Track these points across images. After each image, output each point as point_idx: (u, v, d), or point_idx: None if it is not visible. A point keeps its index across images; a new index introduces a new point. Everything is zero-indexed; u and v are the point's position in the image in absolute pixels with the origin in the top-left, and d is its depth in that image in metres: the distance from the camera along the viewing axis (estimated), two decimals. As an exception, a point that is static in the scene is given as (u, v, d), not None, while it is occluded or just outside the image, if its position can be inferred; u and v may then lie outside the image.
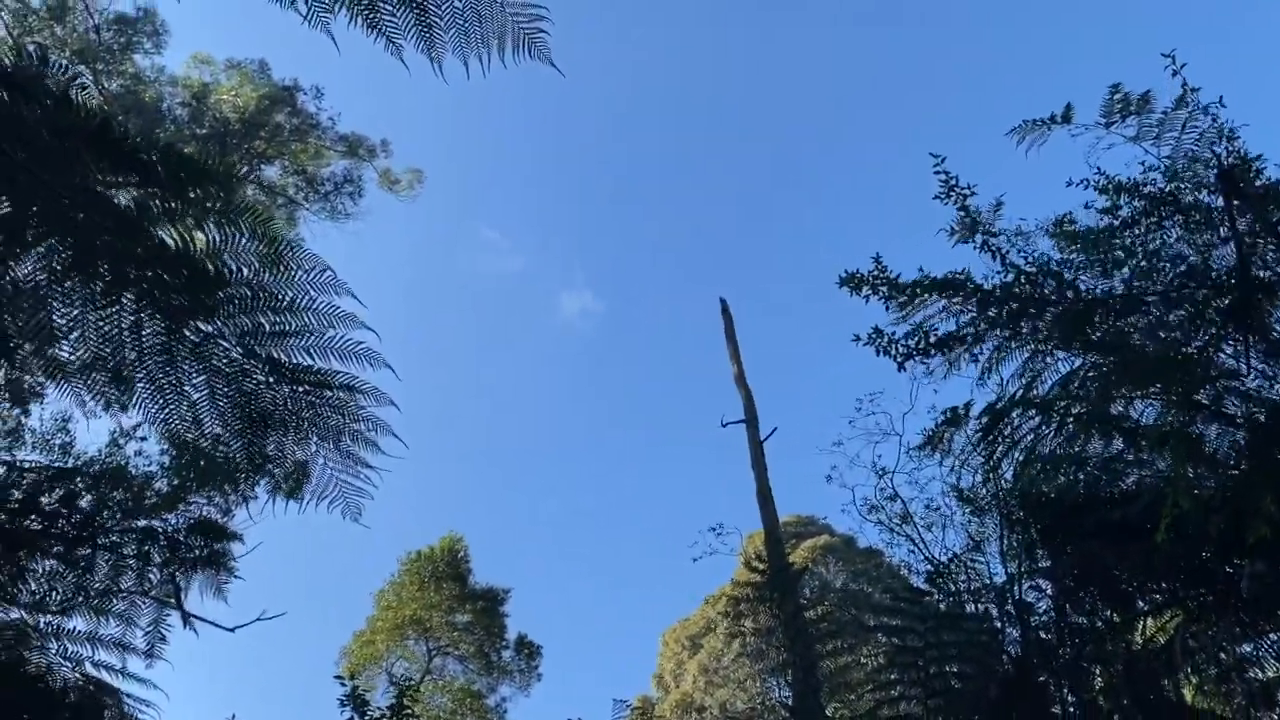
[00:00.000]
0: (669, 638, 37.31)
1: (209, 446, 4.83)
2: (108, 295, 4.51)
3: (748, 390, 25.18)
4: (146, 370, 4.70)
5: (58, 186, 4.19)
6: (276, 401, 4.49)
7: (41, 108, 3.99)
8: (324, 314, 4.24)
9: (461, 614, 31.14)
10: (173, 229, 4.12)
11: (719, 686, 33.59)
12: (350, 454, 4.55)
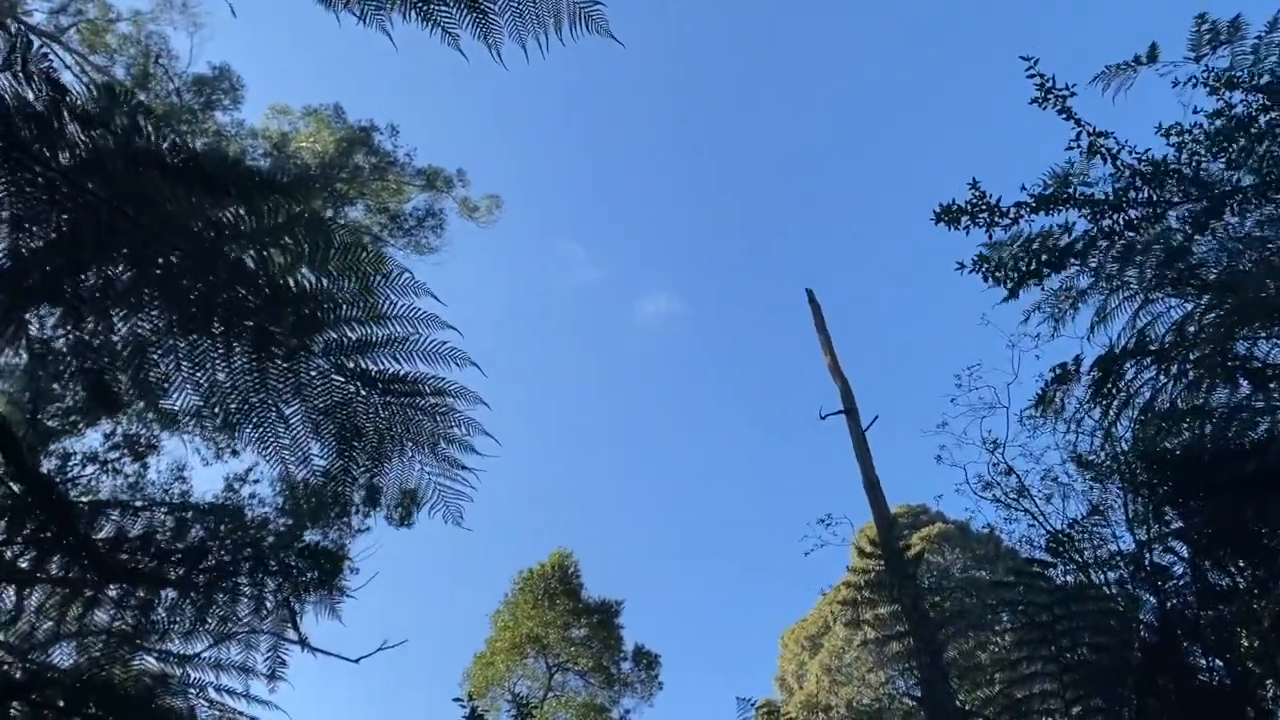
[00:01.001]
0: (788, 639, 36.90)
1: (319, 481, 4.84)
2: (216, 345, 4.57)
3: (844, 380, 24.75)
4: (248, 407, 4.74)
5: (167, 235, 4.27)
6: (369, 413, 4.49)
7: (131, 151, 4.06)
8: (406, 317, 4.24)
9: (577, 629, 31.25)
10: (254, 251, 4.15)
11: (843, 684, 33.06)
12: (447, 457, 4.53)
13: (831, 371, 25.24)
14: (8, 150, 4.50)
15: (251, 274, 4.24)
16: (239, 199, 4.01)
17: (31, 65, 3.96)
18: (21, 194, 4.67)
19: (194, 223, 4.19)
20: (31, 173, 4.58)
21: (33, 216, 4.73)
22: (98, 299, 4.78)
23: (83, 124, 3.97)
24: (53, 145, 4.41)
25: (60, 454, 21.75)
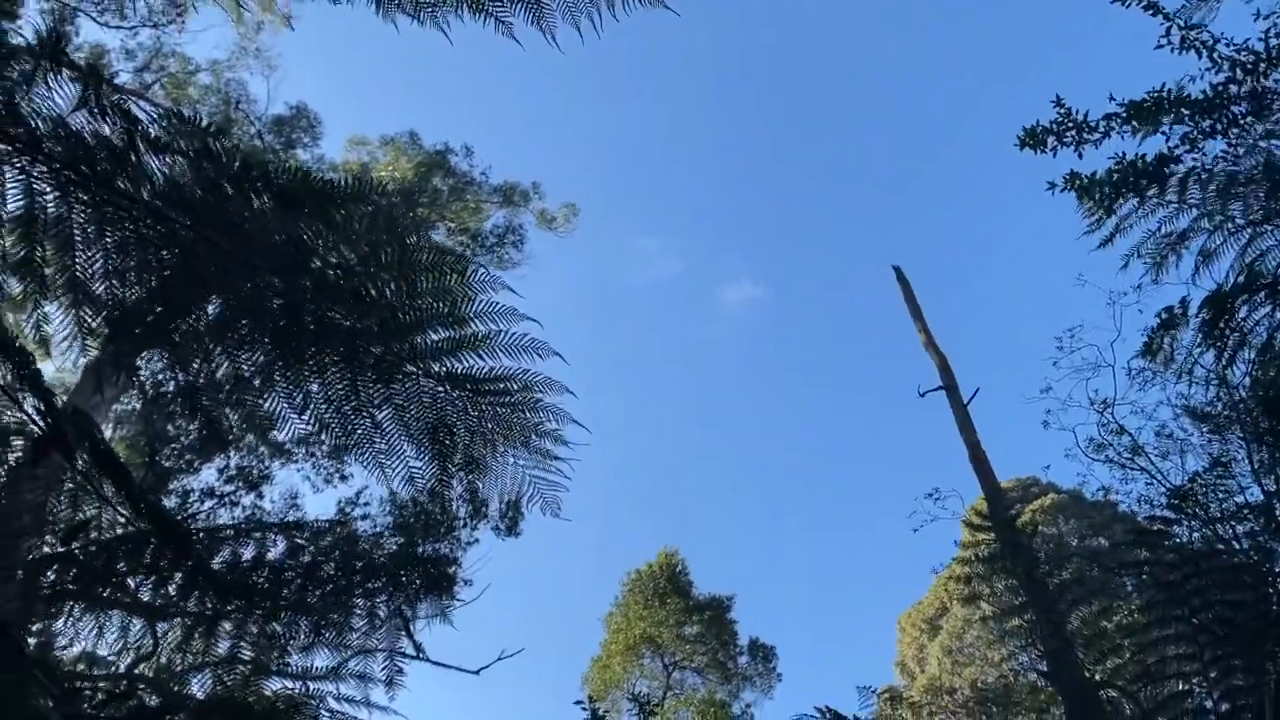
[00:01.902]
0: (905, 623, 36.31)
1: (420, 485, 4.87)
2: (308, 363, 4.65)
3: (940, 354, 24.27)
4: (344, 420, 4.80)
5: (250, 258, 4.36)
6: (459, 413, 4.51)
7: (207, 174, 4.15)
8: (487, 313, 4.24)
9: (690, 626, 31.23)
10: (335, 261, 4.21)
11: (965, 665, 32.39)
12: (539, 450, 4.52)
13: (926, 347, 24.77)
14: (93, 185, 4.66)
15: (335, 285, 4.30)
16: (315, 211, 4.07)
17: (105, 100, 4.08)
18: (116, 235, 4.83)
19: (274, 240, 4.27)
20: (118, 208, 4.73)
21: (132, 265, 4.90)
22: (197, 337, 4.92)
23: (157, 152, 4.08)
24: (134, 179, 4.55)
25: (179, 491, 22.61)
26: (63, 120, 4.43)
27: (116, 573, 5.30)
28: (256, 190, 4.07)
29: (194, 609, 5.73)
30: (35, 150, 4.47)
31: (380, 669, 6.41)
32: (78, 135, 4.44)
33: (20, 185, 4.70)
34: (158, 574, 5.26)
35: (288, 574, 6.01)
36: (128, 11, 27.42)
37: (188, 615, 6.36)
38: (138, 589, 5.44)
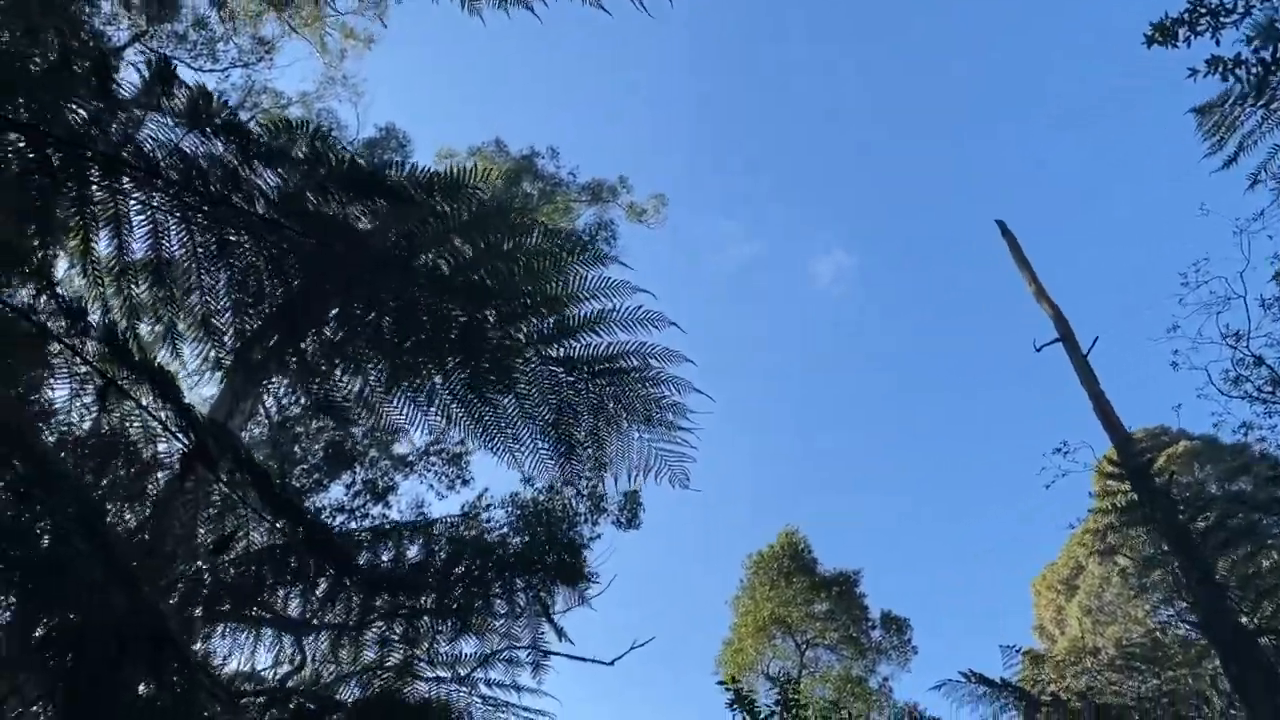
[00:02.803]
0: (1039, 586, 35.35)
1: (551, 472, 4.90)
2: (427, 360, 4.74)
3: (1053, 306, 23.50)
4: (465, 412, 4.86)
5: (365, 261, 4.47)
6: (579, 393, 4.53)
7: (319, 179, 4.26)
8: (600, 290, 4.25)
9: (819, 603, 30.98)
10: (447, 252, 4.28)
11: (1108, 624, 31.39)
12: (663, 421, 4.51)
13: (1038, 299, 24.03)
14: (210, 206, 4.83)
15: (449, 277, 4.36)
16: (424, 204, 4.13)
17: (215, 117, 4.21)
18: (237, 254, 5.00)
19: (387, 238, 4.36)
20: (235, 226, 4.89)
21: (254, 282, 5.07)
22: (324, 347, 5.07)
23: (269, 162, 4.19)
24: (248, 195, 4.69)
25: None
26: (177, 145, 4.60)
27: (266, 584, 5.50)
28: (368, 189, 4.15)
29: (339, 616, 5.91)
30: (154, 177, 4.65)
31: (526, 654, 6.54)
32: (192, 158, 4.61)
33: (145, 218, 4.91)
34: (306, 579, 5.43)
35: (428, 570, 6.16)
36: (219, 54, 28.41)
37: (333, 627, 6.59)
38: (286, 599, 5.63)
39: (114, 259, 5.04)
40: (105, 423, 5.34)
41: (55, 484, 5.51)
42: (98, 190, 4.90)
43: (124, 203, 4.85)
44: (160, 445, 5.24)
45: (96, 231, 4.99)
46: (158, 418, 5.19)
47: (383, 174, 4.11)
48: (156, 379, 4.94)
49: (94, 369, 5.17)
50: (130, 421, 5.32)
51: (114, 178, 4.84)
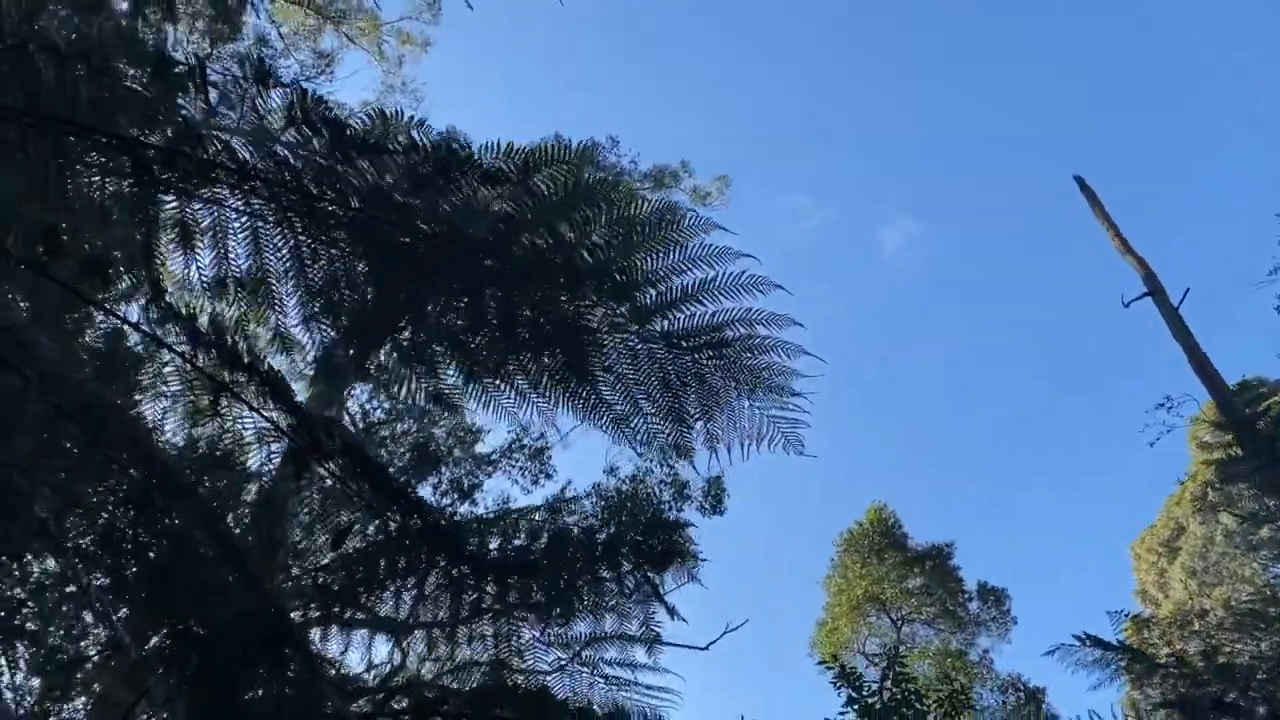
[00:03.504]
0: (1139, 549, 34.44)
1: (665, 446, 4.85)
2: (529, 342, 4.73)
3: (1140, 261, 22.83)
4: (584, 394, 4.82)
5: (465, 247, 4.48)
6: (686, 366, 4.47)
7: (415, 168, 4.26)
8: (702, 258, 4.19)
9: (913, 578, 30.60)
10: (545, 232, 4.25)
11: (1213, 585, 30.49)
12: (773, 387, 4.44)
13: (1123, 255, 23.36)
14: (308, 204, 4.87)
15: (548, 258, 4.33)
16: (519, 184, 4.12)
17: (312, 114, 4.24)
18: (335, 252, 5.05)
19: (484, 221, 4.34)
20: (331, 224, 4.93)
21: (348, 279, 5.12)
22: (424, 349, 5.10)
23: (366, 154, 4.21)
24: (343, 191, 4.72)
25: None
26: (273, 148, 4.65)
27: (386, 576, 5.57)
28: (464, 174, 4.14)
29: (458, 604, 5.95)
30: (252, 180, 4.71)
31: (638, 631, 6.55)
32: (289, 158, 4.65)
33: (245, 221, 4.98)
34: (421, 569, 5.48)
35: (537, 554, 6.18)
36: (281, 71, 28.92)
37: (436, 625, 6.67)
38: (400, 590, 5.69)
39: (217, 265, 5.12)
40: (219, 426, 5.44)
41: (175, 491, 5.64)
42: (198, 198, 4.99)
43: (224, 209, 4.92)
44: (274, 445, 5.32)
45: (199, 239, 5.07)
46: (269, 419, 5.27)
47: (480, 157, 4.09)
48: (268, 380, 5.01)
49: (205, 375, 5.27)
50: (243, 424, 5.41)
51: (213, 185, 4.92)
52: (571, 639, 6.53)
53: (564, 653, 6.48)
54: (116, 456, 5.66)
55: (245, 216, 5.12)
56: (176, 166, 4.82)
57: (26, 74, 4.58)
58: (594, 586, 6.24)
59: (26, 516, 6.24)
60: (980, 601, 30.41)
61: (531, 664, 6.42)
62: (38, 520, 6.24)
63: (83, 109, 4.60)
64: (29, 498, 6.11)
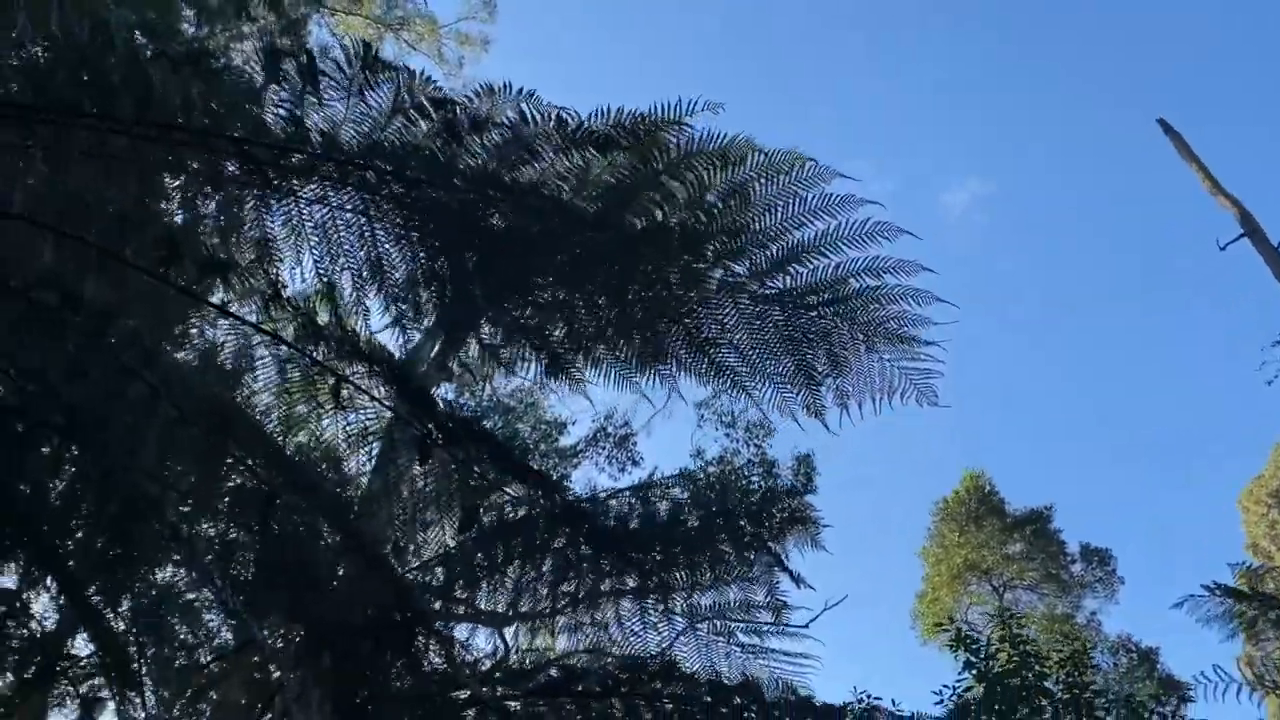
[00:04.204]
0: (1247, 501, 33.26)
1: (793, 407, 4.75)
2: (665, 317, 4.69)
3: (1234, 202, 21.97)
4: (709, 359, 4.76)
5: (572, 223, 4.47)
6: (811, 323, 4.38)
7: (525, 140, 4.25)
8: (822, 208, 4.10)
9: (1012, 544, 30.00)
10: (657, 196, 4.20)
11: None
12: (903, 337, 4.33)
13: (1215, 196, 22.52)
14: (416, 189, 4.89)
15: (662, 222, 4.28)
16: (628, 146, 4.06)
17: (419, 96, 4.24)
18: (442, 240, 5.07)
19: (596, 191, 4.31)
20: (446, 209, 4.94)
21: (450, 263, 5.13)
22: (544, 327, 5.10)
23: (476, 130, 4.20)
24: (447, 171, 4.72)
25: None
26: (377, 137, 4.67)
27: (514, 557, 5.60)
28: (576, 143, 4.11)
29: (581, 585, 5.97)
30: (363, 170, 4.74)
31: (764, 600, 6.50)
32: (399, 144, 4.67)
33: (357, 210, 5.02)
34: (554, 547, 5.50)
35: (659, 529, 6.16)
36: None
37: (566, 604, 6.70)
38: (533, 569, 5.72)
39: (329, 257, 5.17)
40: (342, 419, 5.51)
41: (302, 486, 5.73)
42: (307, 196, 5.04)
43: (334, 201, 4.97)
44: (396, 434, 5.37)
45: (312, 235, 5.13)
46: (390, 407, 5.31)
47: (591, 125, 4.05)
48: (386, 369, 5.05)
49: (325, 368, 5.34)
50: (364, 414, 5.47)
51: (323, 179, 4.97)
52: (698, 610, 6.50)
53: (696, 624, 6.45)
54: (243, 457, 5.77)
55: (350, 213, 5.18)
56: (287, 165, 4.88)
57: (137, 83, 4.67)
58: (718, 557, 6.20)
59: (158, 522, 6.40)
60: (1084, 563, 29.70)
61: (666, 637, 6.42)
62: (169, 525, 6.40)
63: (194, 114, 4.68)
64: (159, 504, 6.27)
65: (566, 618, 7.16)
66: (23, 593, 9.68)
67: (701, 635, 6.44)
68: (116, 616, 8.14)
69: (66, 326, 5.23)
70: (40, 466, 6.81)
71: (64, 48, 4.90)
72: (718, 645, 6.44)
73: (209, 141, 4.78)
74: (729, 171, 4.11)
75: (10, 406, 6.12)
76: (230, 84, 4.80)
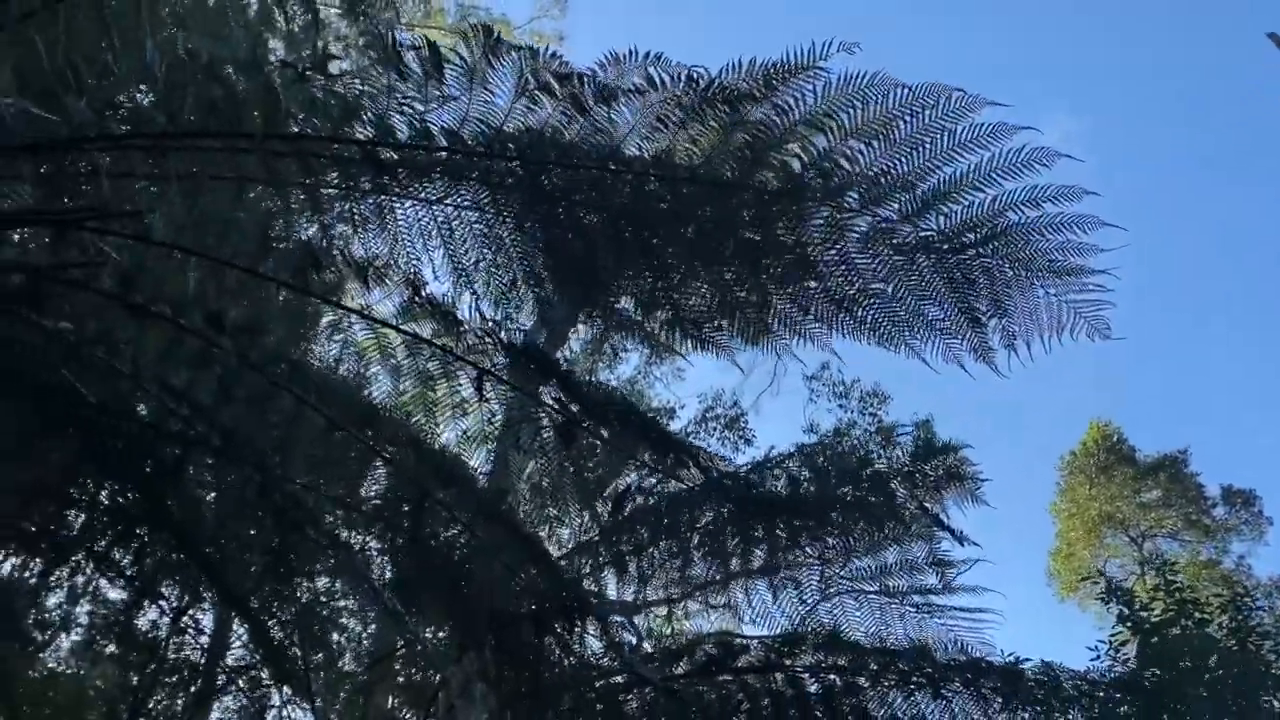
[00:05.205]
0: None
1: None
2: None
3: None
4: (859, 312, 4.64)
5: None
6: (969, 264, 4.21)
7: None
8: (970, 141, 3.92)
9: (1147, 492, 28.89)
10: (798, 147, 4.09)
11: None
12: (1068, 269, 4.12)
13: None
14: (545, 179, 4.86)
15: (800, 174, 4.17)
16: (762, 98, 3.96)
17: (544, 74, 4.20)
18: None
19: (728, 149, 4.21)
20: (579, 188, 4.90)
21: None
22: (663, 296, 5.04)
23: (605, 100, 4.14)
24: (572, 151, 4.67)
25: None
26: (501, 126, 4.65)
27: (672, 534, 5.56)
28: (710, 102, 4.02)
29: (742, 558, 5.91)
30: (492, 158, 4.73)
31: (927, 560, 6.33)
32: (519, 132, 4.64)
33: (485, 197, 5.03)
34: (713, 522, 5.45)
35: (809, 496, 6.05)
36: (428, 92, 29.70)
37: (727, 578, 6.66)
38: (694, 545, 5.67)
39: (461, 251, 5.19)
40: (485, 410, 5.53)
41: (454, 482, 5.78)
42: (435, 189, 5.07)
43: (463, 193, 4.98)
44: (542, 420, 5.36)
45: (441, 228, 5.16)
46: (533, 395, 5.31)
47: (723, 81, 3.95)
48: (534, 360, 5.05)
49: (466, 362, 5.36)
50: (507, 404, 5.49)
51: (448, 173, 4.98)
52: (862, 575, 6.37)
53: (866, 591, 6.33)
54: (393, 457, 5.84)
55: (475, 207, 5.18)
56: (413, 162, 4.90)
57: (266, 100, 4.74)
58: (877, 520, 6.05)
59: (315, 530, 6.55)
60: (1226, 506, 28.43)
61: (837, 604, 6.32)
62: (327, 532, 6.54)
63: (322, 122, 4.73)
64: (315, 512, 6.41)
65: (719, 595, 7.11)
66: (187, 609, 10.09)
67: (873, 600, 6.31)
68: (279, 624, 8.40)
69: (214, 348, 5.33)
70: (198, 485, 7.05)
71: (188, 73, 4.99)
72: (890, 608, 6.31)
73: (335, 148, 4.83)
74: (870, 111, 3.96)
75: (166, 430, 6.32)
76: (350, 89, 4.83)
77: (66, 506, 7.85)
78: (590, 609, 5.61)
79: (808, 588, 6.24)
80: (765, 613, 6.70)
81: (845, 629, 6.29)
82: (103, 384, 5.75)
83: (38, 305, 5.21)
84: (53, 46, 4.78)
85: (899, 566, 6.34)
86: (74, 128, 4.61)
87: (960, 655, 6.03)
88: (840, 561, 6.20)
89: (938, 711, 6.00)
